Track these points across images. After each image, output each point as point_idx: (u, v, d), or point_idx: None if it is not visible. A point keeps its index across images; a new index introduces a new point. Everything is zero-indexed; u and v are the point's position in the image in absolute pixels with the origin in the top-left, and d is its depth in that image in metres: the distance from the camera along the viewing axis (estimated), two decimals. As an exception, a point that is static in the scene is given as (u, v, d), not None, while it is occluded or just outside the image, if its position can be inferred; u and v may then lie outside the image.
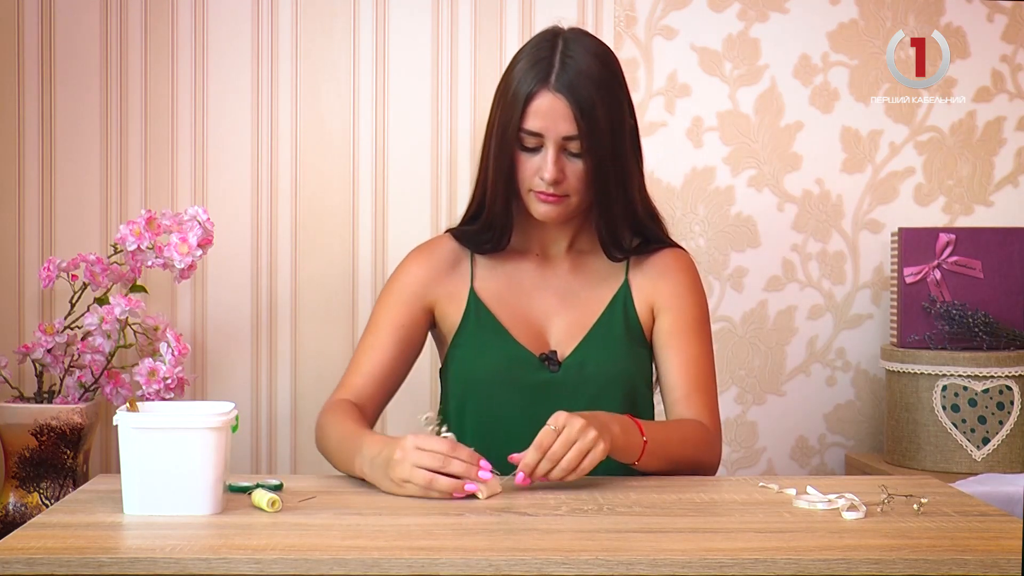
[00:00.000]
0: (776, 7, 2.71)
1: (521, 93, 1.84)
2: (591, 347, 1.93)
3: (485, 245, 1.96)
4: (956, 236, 2.59)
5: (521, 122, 1.84)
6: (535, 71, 1.85)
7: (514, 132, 1.85)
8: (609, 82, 1.87)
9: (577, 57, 1.85)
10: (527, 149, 1.86)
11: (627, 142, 1.90)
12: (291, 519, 1.49)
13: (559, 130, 1.84)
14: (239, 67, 2.64)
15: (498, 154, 1.88)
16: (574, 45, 1.87)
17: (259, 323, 2.66)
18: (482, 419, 1.91)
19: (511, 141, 1.86)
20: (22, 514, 2.26)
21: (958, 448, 2.51)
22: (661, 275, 1.98)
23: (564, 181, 1.86)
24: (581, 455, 1.64)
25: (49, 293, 2.60)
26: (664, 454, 1.79)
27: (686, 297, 1.97)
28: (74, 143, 2.62)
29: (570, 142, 1.85)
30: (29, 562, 1.31)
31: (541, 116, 1.84)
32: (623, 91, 1.91)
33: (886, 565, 1.32)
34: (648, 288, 1.97)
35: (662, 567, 1.31)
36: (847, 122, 2.74)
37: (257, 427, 2.67)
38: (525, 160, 1.87)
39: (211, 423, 1.51)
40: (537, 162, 1.86)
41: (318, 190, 2.66)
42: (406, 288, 1.97)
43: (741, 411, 2.75)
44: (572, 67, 1.84)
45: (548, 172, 1.84)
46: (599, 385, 1.89)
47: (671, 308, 1.96)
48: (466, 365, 1.94)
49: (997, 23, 2.74)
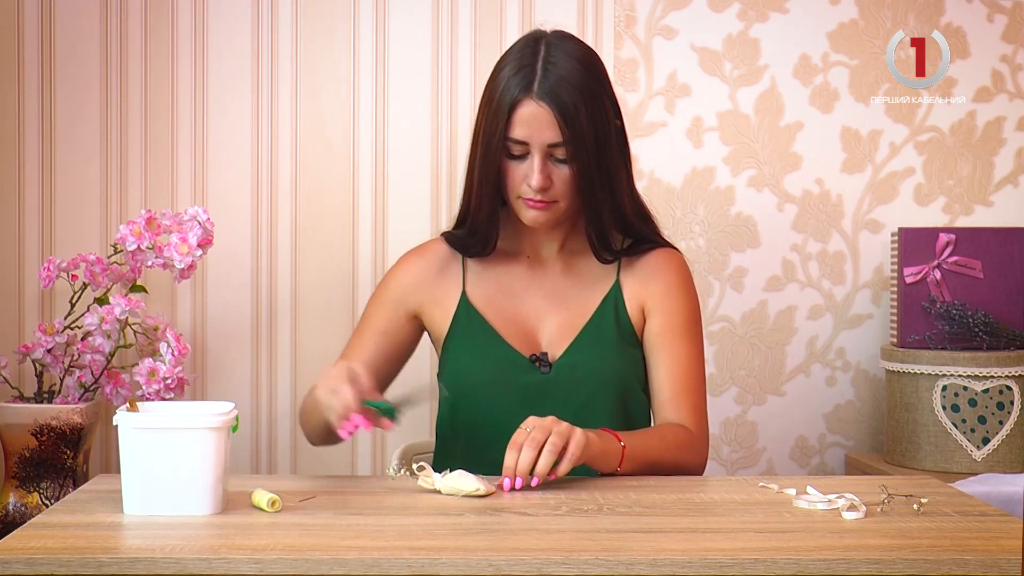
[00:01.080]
0: (776, 7, 2.71)
1: (505, 101, 1.85)
2: (582, 348, 1.93)
3: (471, 250, 1.98)
4: (956, 236, 2.59)
5: (507, 131, 1.85)
6: (518, 78, 1.86)
7: (500, 140, 1.86)
8: (591, 86, 1.87)
9: (559, 63, 1.86)
10: (514, 157, 1.87)
11: (612, 144, 1.90)
12: (291, 519, 1.49)
13: (544, 138, 1.85)
14: (239, 67, 2.64)
15: (484, 162, 1.89)
16: (555, 51, 1.88)
17: (259, 323, 2.66)
18: (475, 422, 1.91)
19: (497, 149, 1.87)
20: (22, 514, 2.27)
21: (958, 448, 2.51)
22: (652, 275, 1.97)
23: (551, 187, 1.87)
24: (563, 439, 1.65)
25: (49, 293, 2.60)
26: (644, 459, 1.79)
27: (676, 298, 1.96)
28: (74, 143, 2.62)
29: (555, 149, 1.86)
30: (29, 562, 1.31)
31: (525, 124, 1.85)
32: (606, 93, 1.91)
33: (886, 565, 1.32)
34: (639, 288, 1.97)
35: (662, 567, 1.31)
36: (847, 122, 2.74)
37: (257, 427, 2.67)
38: (512, 168, 1.88)
39: (211, 423, 1.51)
40: (524, 169, 1.87)
41: (318, 190, 2.66)
42: (391, 294, 2.00)
43: (741, 411, 2.75)
44: (554, 73, 1.85)
45: (535, 180, 1.85)
46: (591, 386, 1.89)
47: (661, 309, 1.95)
48: (458, 368, 1.94)
49: (997, 23, 2.74)
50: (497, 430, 1.83)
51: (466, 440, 1.91)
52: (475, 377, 1.92)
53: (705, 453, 1.91)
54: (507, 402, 1.89)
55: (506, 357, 1.92)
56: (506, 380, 1.90)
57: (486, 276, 1.98)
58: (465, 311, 1.95)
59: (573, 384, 1.89)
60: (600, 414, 1.86)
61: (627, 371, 1.94)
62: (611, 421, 1.85)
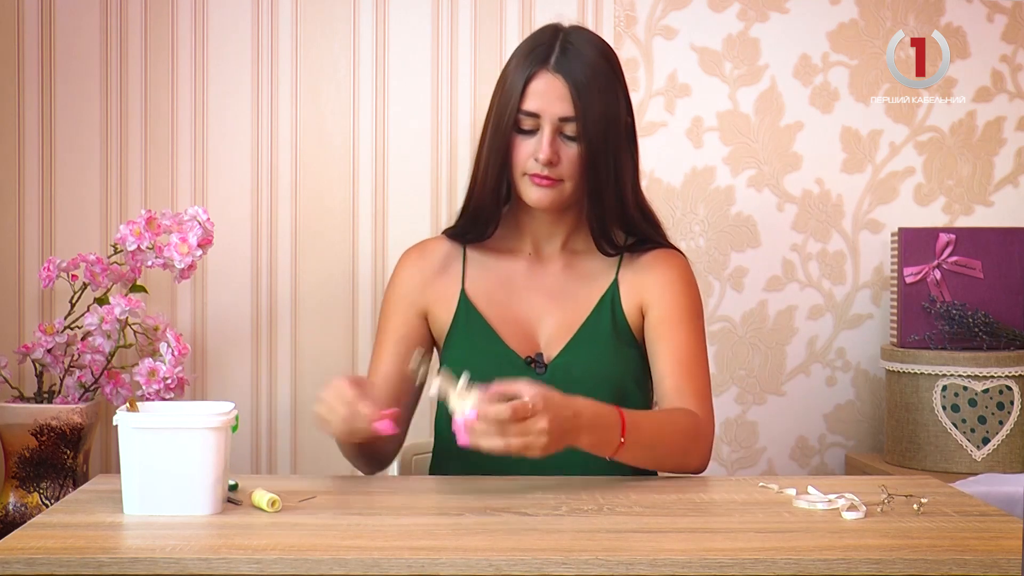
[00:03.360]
0: (776, 7, 2.71)
1: (520, 75, 1.87)
2: (578, 348, 1.92)
3: (471, 234, 1.97)
4: (956, 236, 2.59)
5: (520, 103, 1.87)
6: (534, 54, 1.88)
7: (512, 114, 1.87)
8: (608, 73, 1.90)
9: (578, 45, 1.89)
10: (524, 131, 1.88)
11: (621, 133, 1.91)
12: (291, 519, 1.49)
13: (555, 110, 1.86)
14: (239, 67, 2.64)
15: (494, 136, 1.90)
16: (574, 35, 1.91)
17: (259, 323, 2.66)
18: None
19: (508, 124, 1.88)
20: (22, 514, 2.26)
21: (958, 448, 2.51)
22: (649, 270, 1.96)
23: (559, 164, 1.87)
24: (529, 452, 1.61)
25: (49, 293, 2.60)
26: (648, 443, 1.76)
27: (675, 290, 1.94)
28: (74, 143, 2.62)
29: (566, 124, 1.87)
30: (29, 562, 1.31)
31: (539, 96, 1.86)
32: (621, 86, 1.93)
33: (886, 565, 1.32)
34: (636, 284, 1.95)
35: (662, 567, 1.31)
36: (847, 122, 2.74)
37: (257, 427, 2.67)
38: (521, 143, 1.89)
39: (211, 423, 1.51)
40: (533, 145, 1.88)
41: (318, 190, 2.66)
42: (400, 299, 1.99)
43: (741, 411, 2.75)
44: (572, 52, 1.88)
45: (543, 152, 1.85)
46: (586, 387, 1.83)
47: (659, 301, 1.93)
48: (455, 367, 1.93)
49: (997, 23, 2.74)
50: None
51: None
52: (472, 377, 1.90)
53: (711, 439, 1.86)
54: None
55: (503, 357, 1.91)
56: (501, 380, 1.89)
57: (486, 274, 1.98)
58: (464, 309, 1.95)
59: (568, 385, 1.86)
60: None
61: (623, 371, 1.93)
62: None
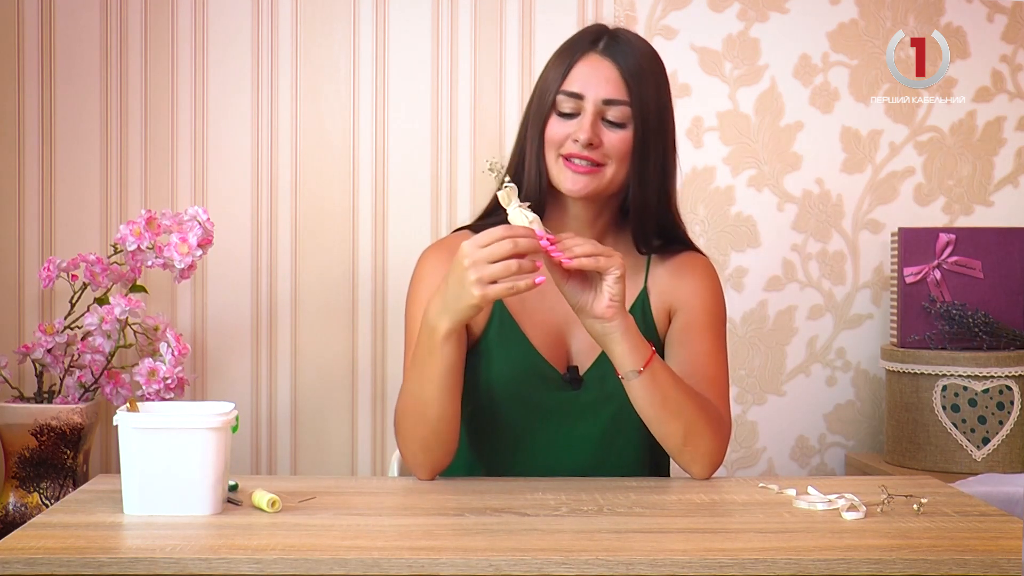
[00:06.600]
0: (776, 7, 2.71)
1: (565, 58, 1.77)
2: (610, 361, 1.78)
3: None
4: (956, 236, 2.59)
5: (561, 83, 1.75)
6: (582, 40, 1.78)
7: (552, 96, 1.75)
8: (658, 66, 1.80)
9: (627, 37, 1.80)
10: (563, 115, 1.75)
11: (671, 129, 1.82)
12: (291, 519, 1.49)
13: (600, 92, 1.74)
14: (239, 67, 2.64)
15: (535, 119, 1.78)
16: (623, 31, 1.82)
17: (259, 323, 2.66)
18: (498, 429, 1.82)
19: (548, 105, 1.76)
20: (22, 514, 2.27)
21: (958, 448, 2.51)
22: (679, 276, 1.87)
23: (600, 147, 1.74)
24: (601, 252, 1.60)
25: (49, 293, 2.60)
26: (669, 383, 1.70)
27: (704, 296, 1.87)
28: (74, 143, 2.62)
29: (610, 108, 1.75)
30: (29, 562, 1.31)
31: (583, 77, 1.75)
32: (667, 87, 1.83)
33: (886, 565, 1.32)
34: (666, 290, 1.87)
35: (662, 567, 1.31)
36: (847, 122, 2.74)
37: (257, 427, 2.67)
38: (558, 123, 1.76)
39: (211, 423, 1.51)
40: (572, 126, 1.75)
41: (318, 190, 2.66)
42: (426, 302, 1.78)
43: (741, 411, 2.75)
44: (623, 39, 1.78)
45: (584, 131, 1.72)
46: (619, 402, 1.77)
47: (688, 306, 1.86)
48: (489, 376, 1.83)
49: (997, 23, 2.75)
50: (520, 439, 1.79)
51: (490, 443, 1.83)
52: (507, 389, 1.81)
53: (728, 434, 1.79)
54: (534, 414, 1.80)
55: (539, 371, 1.81)
56: (538, 397, 1.81)
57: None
58: (499, 314, 1.83)
59: (602, 400, 1.80)
60: (628, 426, 1.79)
61: None
62: (639, 433, 1.78)
